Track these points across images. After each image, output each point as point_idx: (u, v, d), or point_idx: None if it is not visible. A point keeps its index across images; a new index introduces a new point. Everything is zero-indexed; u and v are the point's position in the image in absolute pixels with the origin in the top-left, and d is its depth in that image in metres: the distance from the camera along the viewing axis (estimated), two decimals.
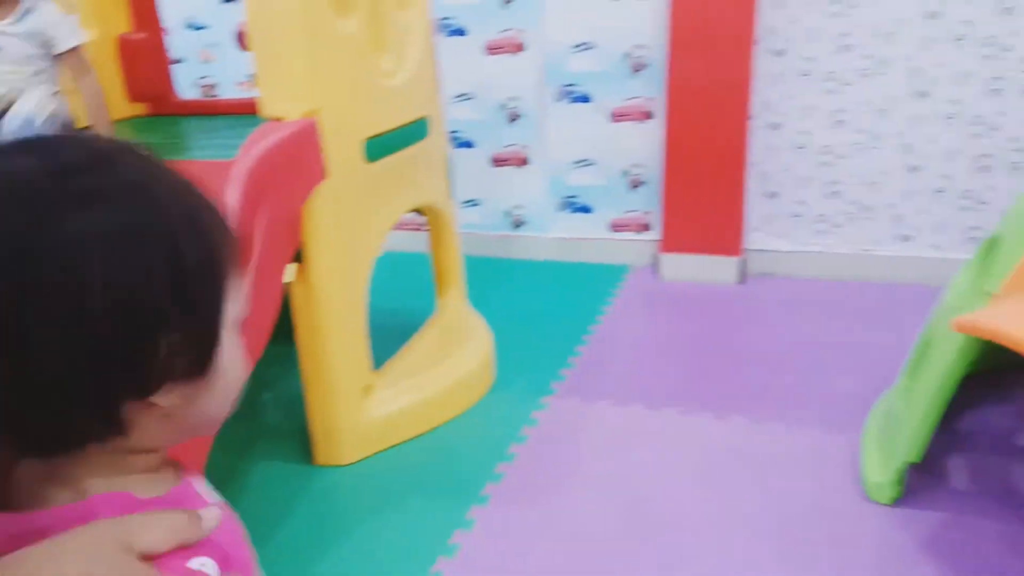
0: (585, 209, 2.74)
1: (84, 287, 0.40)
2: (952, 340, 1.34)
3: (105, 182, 0.42)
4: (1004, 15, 2.17)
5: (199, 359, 0.45)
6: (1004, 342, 1.12)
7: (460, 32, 2.63)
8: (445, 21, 2.63)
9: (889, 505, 1.45)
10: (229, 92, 2.96)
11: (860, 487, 1.50)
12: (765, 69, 2.39)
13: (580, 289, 2.53)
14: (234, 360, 0.48)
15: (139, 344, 0.42)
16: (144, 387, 0.43)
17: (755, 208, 2.55)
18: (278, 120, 1.34)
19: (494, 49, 2.63)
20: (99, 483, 0.44)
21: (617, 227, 2.72)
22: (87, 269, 0.40)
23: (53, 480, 0.44)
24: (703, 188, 2.49)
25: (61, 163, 0.42)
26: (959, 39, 2.22)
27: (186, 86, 2.96)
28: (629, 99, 2.56)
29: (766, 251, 2.57)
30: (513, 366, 2.01)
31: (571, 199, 2.74)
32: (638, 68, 2.52)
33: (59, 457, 0.44)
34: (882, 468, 1.47)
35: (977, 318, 1.20)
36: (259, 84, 1.37)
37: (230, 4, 2.88)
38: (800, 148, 2.45)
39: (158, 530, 0.42)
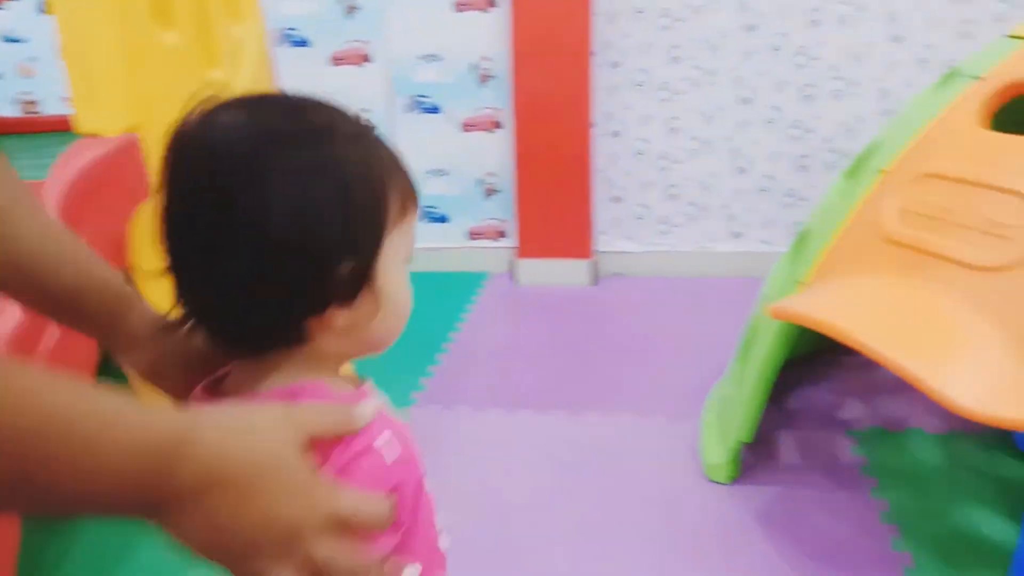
0: (442, 219, 2.75)
1: (269, 216, 0.48)
2: (771, 327, 1.45)
3: (293, 128, 0.50)
4: (812, 27, 2.38)
5: (361, 287, 0.52)
6: (811, 325, 1.23)
7: (303, 43, 2.59)
8: (288, 32, 2.57)
9: (727, 483, 1.55)
10: (53, 107, 2.76)
11: (701, 469, 1.60)
12: (603, 80, 2.50)
13: (439, 298, 2.54)
14: (402, 291, 0.56)
15: (312, 269, 0.50)
16: (315, 306, 0.51)
17: (602, 212, 2.65)
18: (95, 136, 1.27)
19: (339, 60, 2.60)
20: (297, 377, 0.54)
21: (474, 235, 2.76)
22: (273, 199, 0.48)
23: (259, 376, 0.54)
24: (553, 194, 2.57)
25: (261, 115, 0.51)
26: (776, 49, 2.42)
27: (4, 103, 2.74)
28: (478, 110, 2.61)
29: (614, 253, 2.68)
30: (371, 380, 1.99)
31: (428, 209, 2.74)
32: (485, 79, 2.57)
33: (262, 358, 0.54)
34: (719, 449, 1.57)
35: (789, 305, 1.31)
36: (73, 99, 1.29)
37: (51, 16, 2.69)
38: (640, 154, 2.58)
39: (325, 418, 0.49)
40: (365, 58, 2.58)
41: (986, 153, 1.16)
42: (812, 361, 1.90)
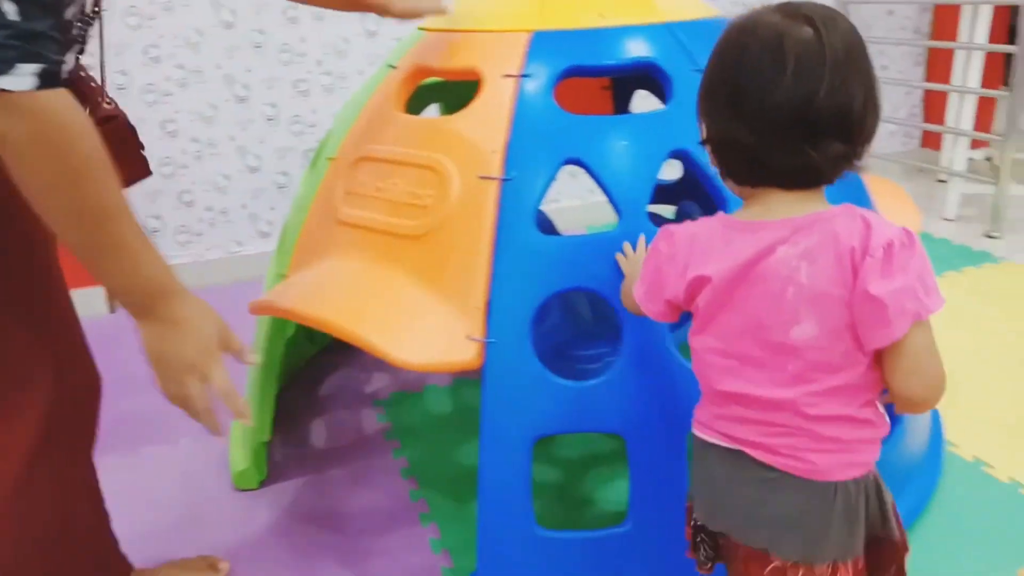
0: None
1: (876, 88, 0.76)
2: (263, 323, 1.46)
3: (832, 43, 0.73)
4: (291, 24, 2.44)
5: None
6: (282, 315, 1.25)
7: None
8: None
9: (256, 488, 1.53)
10: None
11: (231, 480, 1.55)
12: None
13: None
14: None
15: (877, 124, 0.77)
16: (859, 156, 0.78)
17: None
18: None
19: None
20: (816, 208, 0.77)
21: None
22: (871, 80, 0.76)
23: (796, 204, 0.77)
24: None
25: (820, 32, 0.73)
26: (258, 47, 2.42)
27: None
28: None
29: None
30: None
31: None
32: None
33: (802, 191, 0.77)
34: (244, 456, 1.54)
35: (265, 299, 1.31)
36: None
37: None
38: (271, 120, 2.45)
39: (226, 331, 0.97)
40: None
41: (403, 133, 1.29)
42: (346, 345, 1.97)
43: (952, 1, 3.09)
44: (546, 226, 1.77)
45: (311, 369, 1.98)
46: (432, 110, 1.93)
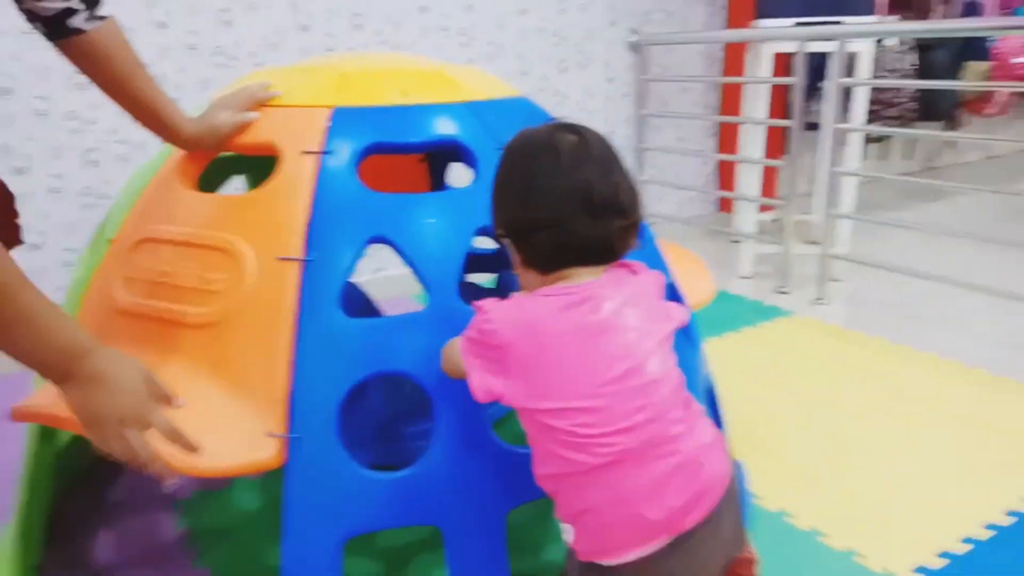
0: None
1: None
2: (33, 427, 1.27)
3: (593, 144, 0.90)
4: (78, 90, 2.24)
5: None
6: (48, 423, 1.09)
7: None
8: None
9: None
10: None
11: None
12: None
13: None
14: None
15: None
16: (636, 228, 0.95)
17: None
18: None
19: None
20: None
21: None
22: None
23: (593, 275, 0.90)
24: None
25: (583, 136, 0.90)
26: (41, 114, 2.20)
27: None
28: None
29: None
30: None
31: None
32: None
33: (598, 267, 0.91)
34: None
35: (30, 402, 1.14)
36: None
37: None
38: (56, 192, 2.24)
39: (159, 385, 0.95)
40: None
41: (192, 212, 1.19)
42: None
43: (736, 81, 3.43)
44: (360, 301, 1.70)
45: (101, 470, 1.76)
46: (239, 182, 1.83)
